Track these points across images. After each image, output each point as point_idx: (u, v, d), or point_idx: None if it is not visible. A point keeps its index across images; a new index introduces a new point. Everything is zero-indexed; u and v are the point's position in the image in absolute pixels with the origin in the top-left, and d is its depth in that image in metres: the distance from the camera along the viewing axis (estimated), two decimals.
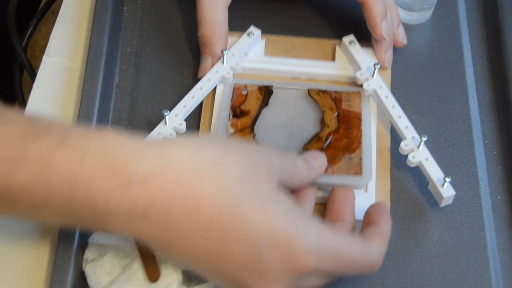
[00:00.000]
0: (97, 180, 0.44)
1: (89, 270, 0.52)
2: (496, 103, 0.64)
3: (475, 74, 0.66)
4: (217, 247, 0.45)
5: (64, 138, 0.45)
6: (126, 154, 0.45)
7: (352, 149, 0.57)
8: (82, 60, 0.66)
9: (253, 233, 0.45)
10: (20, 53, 0.70)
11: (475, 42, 0.68)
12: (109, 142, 0.45)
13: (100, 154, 0.44)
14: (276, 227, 0.46)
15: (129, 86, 0.64)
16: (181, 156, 0.45)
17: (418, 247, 0.56)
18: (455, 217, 0.57)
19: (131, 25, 0.68)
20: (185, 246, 0.45)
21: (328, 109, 0.60)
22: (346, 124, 0.59)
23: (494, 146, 0.61)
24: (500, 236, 0.57)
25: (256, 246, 0.45)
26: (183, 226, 0.45)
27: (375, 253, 0.49)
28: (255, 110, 0.60)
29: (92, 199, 0.44)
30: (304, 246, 0.46)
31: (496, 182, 0.60)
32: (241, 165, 0.46)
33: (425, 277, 0.55)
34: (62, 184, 0.44)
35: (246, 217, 0.45)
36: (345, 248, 0.48)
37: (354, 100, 0.60)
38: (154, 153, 0.45)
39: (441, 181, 0.56)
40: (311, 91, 0.61)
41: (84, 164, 0.44)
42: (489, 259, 0.55)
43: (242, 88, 0.61)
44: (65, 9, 0.69)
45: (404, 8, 0.67)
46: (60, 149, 0.44)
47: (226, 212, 0.45)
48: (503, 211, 0.58)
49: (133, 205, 0.44)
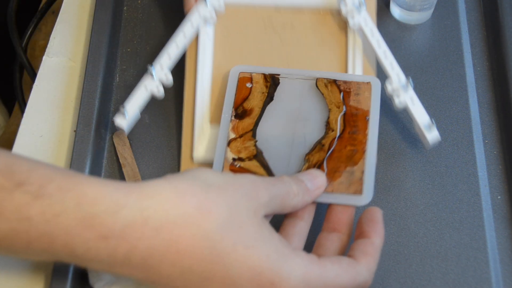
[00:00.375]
0: (75, 233, 0.44)
1: None
2: (496, 103, 0.64)
3: (475, 74, 0.66)
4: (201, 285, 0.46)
5: (41, 188, 0.45)
6: (103, 210, 0.45)
7: (355, 161, 0.55)
8: (82, 60, 0.66)
9: (235, 278, 0.45)
10: (20, 53, 0.70)
11: (475, 42, 0.68)
12: (87, 195, 0.45)
13: (77, 209, 0.45)
14: (258, 269, 0.46)
15: (129, 86, 0.64)
16: (160, 207, 0.45)
17: (418, 247, 0.56)
18: (455, 217, 0.57)
19: (131, 25, 0.68)
20: (168, 287, 0.46)
21: (334, 107, 0.57)
22: (351, 127, 0.56)
23: (494, 146, 0.61)
24: (500, 236, 0.57)
25: (236, 284, 0.45)
26: (164, 272, 0.45)
27: (364, 274, 0.49)
28: (259, 108, 0.58)
29: (71, 249, 0.45)
30: (289, 285, 0.46)
31: (496, 182, 0.60)
32: (223, 210, 0.46)
33: (425, 277, 0.55)
34: (40, 236, 0.45)
35: (227, 262, 0.45)
36: (333, 277, 0.48)
37: (363, 94, 0.58)
38: (132, 206, 0.45)
39: (427, 125, 0.55)
40: (319, 83, 0.59)
41: (61, 218, 0.44)
42: (489, 259, 0.55)
43: (247, 80, 0.59)
44: (65, 9, 0.69)
45: (404, 8, 0.67)
46: (37, 202, 0.45)
47: (206, 259, 0.45)
48: (503, 211, 0.58)
49: (113, 254, 0.45)
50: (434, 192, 0.59)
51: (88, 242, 0.44)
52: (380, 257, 0.55)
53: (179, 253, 0.45)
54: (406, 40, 0.67)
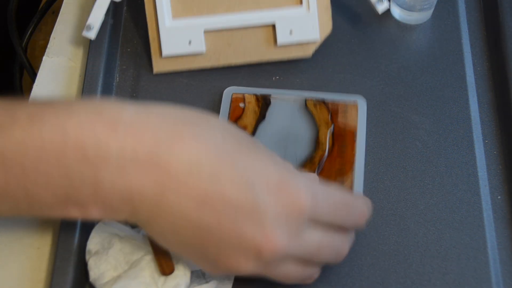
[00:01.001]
0: (86, 128, 0.45)
1: (93, 264, 0.52)
2: (496, 103, 0.64)
3: (475, 74, 0.66)
4: (210, 187, 0.45)
5: (50, 102, 0.47)
6: (110, 106, 0.47)
7: (344, 174, 0.58)
8: (82, 60, 0.66)
9: (242, 175, 0.45)
10: (20, 53, 0.70)
11: (475, 42, 0.68)
12: (93, 101, 0.48)
13: (87, 108, 0.46)
14: (266, 170, 0.46)
15: (129, 86, 0.64)
16: (161, 109, 0.47)
17: (418, 247, 0.56)
18: (455, 217, 0.57)
19: (131, 25, 0.68)
20: (177, 192, 0.45)
21: (323, 124, 0.60)
22: (340, 142, 0.59)
23: (494, 146, 0.61)
24: (500, 236, 0.57)
25: (248, 185, 0.45)
26: (173, 168, 0.45)
27: (362, 203, 0.50)
28: (252, 126, 0.60)
29: (83, 148, 0.45)
30: (299, 186, 0.46)
31: (496, 182, 0.60)
32: (221, 123, 0.48)
33: (425, 277, 0.55)
34: (52, 138, 0.45)
35: (233, 161, 0.46)
36: (335, 190, 0.49)
37: (350, 112, 0.61)
38: (136, 107, 0.47)
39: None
40: (308, 103, 0.61)
41: (72, 118, 0.45)
42: (489, 259, 0.55)
43: (240, 100, 0.61)
44: (65, 9, 0.69)
45: (404, 8, 0.67)
46: (48, 109, 0.46)
47: (212, 154, 0.45)
48: (503, 211, 0.58)
49: (122, 148, 0.45)
50: (434, 192, 0.59)
51: (99, 136, 0.45)
52: (380, 257, 0.55)
53: (184, 147, 0.45)
54: (406, 40, 0.67)
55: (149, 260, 0.51)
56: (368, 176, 0.59)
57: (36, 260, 0.55)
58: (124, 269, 0.52)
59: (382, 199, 0.58)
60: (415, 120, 0.62)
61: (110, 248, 0.52)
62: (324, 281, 0.54)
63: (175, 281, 0.51)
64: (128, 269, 0.51)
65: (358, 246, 0.56)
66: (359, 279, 0.54)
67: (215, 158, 0.45)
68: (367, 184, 0.59)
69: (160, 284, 0.51)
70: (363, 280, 0.54)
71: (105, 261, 0.52)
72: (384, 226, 0.57)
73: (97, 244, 0.53)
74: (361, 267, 0.55)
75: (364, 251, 0.56)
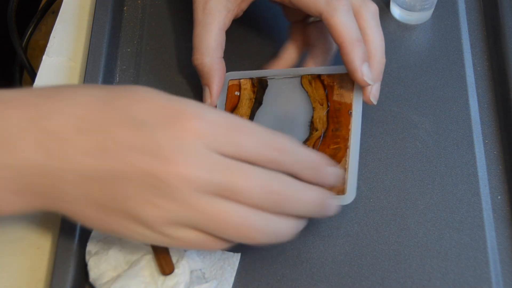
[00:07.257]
0: None
1: (93, 264, 0.52)
2: (496, 103, 0.64)
3: (475, 74, 0.66)
4: (101, 135, 0.44)
5: None
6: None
7: (338, 159, 0.55)
8: (82, 60, 0.66)
9: (133, 114, 0.45)
10: (20, 53, 0.70)
11: (475, 42, 0.68)
12: None
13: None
14: (151, 105, 0.45)
15: None
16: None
17: (418, 247, 0.56)
18: (455, 217, 0.57)
19: (131, 25, 0.68)
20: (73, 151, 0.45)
21: (318, 105, 0.58)
22: (335, 124, 0.57)
23: (494, 146, 0.61)
24: (500, 236, 0.57)
25: (137, 122, 0.45)
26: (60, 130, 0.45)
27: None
28: (247, 116, 0.59)
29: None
30: (187, 111, 0.45)
31: (496, 182, 0.60)
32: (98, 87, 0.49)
33: (425, 277, 0.55)
34: None
35: (117, 108, 0.45)
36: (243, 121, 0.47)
37: (346, 86, 0.58)
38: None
39: None
40: (303, 80, 0.59)
41: None
42: (489, 259, 0.55)
43: (236, 88, 0.60)
44: (65, 9, 0.69)
45: (404, 8, 0.67)
46: None
47: (98, 103, 0.45)
48: (503, 211, 0.58)
49: None
50: (434, 192, 0.59)
51: None
52: (380, 257, 0.55)
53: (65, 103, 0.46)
54: (406, 40, 0.67)
55: (149, 259, 0.52)
56: (368, 176, 0.59)
57: (36, 260, 0.55)
58: (124, 269, 0.52)
59: (382, 199, 0.58)
60: (415, 120, 0.62)
61: (110, 248, 0.52)
62: (324, 281, 0.54)
63: (174, 280, 0.51)
64: (128, 268, 0.52)
65: (358, 246, 0.56)
66: (359, 279, 0.54)
67: (102, 105, 0.45)
68: (367, 184, 0.59)
69: (159, 284, 0.51)
70: (363, 280, 0.54)
71: (105, 261, 0.52)
72: (384, 226, 0.57)
73: (97, 244, 0.53)
74: (361, 267, 0.55)
75: (364, 251, 0.56)
